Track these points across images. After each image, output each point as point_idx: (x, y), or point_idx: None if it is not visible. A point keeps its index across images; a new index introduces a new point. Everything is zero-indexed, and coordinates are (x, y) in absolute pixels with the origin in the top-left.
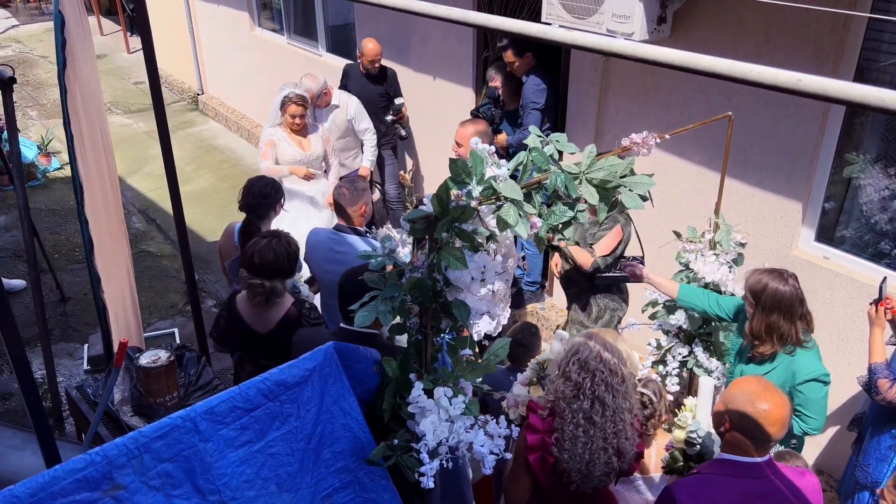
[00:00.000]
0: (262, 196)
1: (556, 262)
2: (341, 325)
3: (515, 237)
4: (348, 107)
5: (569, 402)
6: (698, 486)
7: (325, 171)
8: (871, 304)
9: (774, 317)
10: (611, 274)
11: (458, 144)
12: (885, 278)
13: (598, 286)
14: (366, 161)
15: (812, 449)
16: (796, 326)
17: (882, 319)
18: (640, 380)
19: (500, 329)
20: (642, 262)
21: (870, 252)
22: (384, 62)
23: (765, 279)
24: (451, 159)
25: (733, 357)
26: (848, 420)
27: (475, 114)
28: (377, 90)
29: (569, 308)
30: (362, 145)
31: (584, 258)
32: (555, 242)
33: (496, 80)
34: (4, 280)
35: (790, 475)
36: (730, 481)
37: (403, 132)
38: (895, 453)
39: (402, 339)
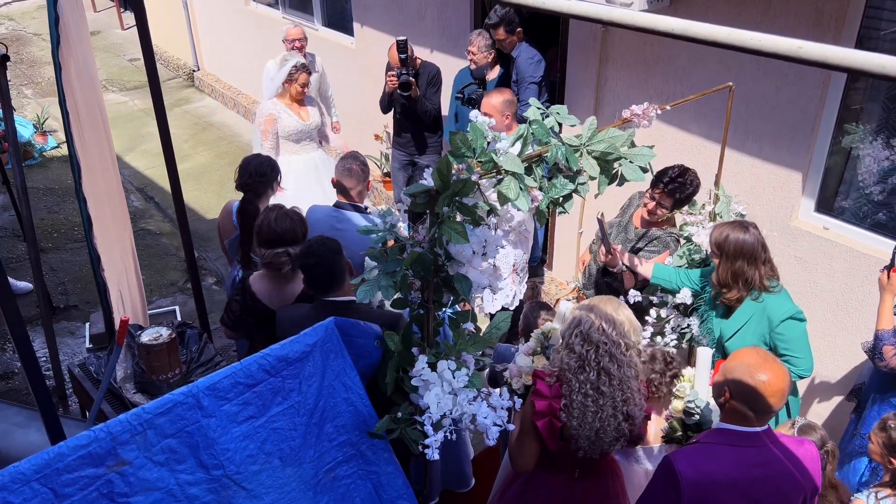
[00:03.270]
0: (258, 175)
1: (584, 261)
2: (322, 299)
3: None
4: (316, 62)
5: (575, 372)
6: (697, 455)
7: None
8: (882, 270)
9: (739, 263)
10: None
11: (485, 115)
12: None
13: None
14: (334, 116)
15: (813, 419)
16: (760, 271)
17: (894, 286)
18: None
19: (517, 302)
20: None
21: (869, 222)
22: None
23: (726, 230)
24: (451, 132)
25: (705, 308)
26: (848, 391)
27: (459, 96)
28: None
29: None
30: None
31: (630, 280)
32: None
33: (475, 45)
34: (10, 280)
35: (788, 444)
36: (728, 450)
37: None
38: None
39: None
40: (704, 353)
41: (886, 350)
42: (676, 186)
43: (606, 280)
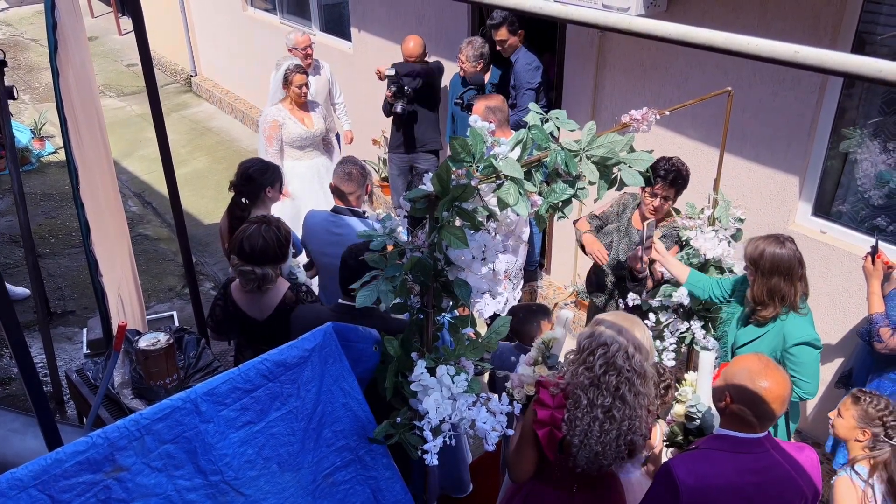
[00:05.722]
0: (244, 179)
1: (601, 256)
2: (339, 300)
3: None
4: (327, 69)
5: (585, 390)
6: (696, 461)
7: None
8: (865, 256)
9: (775, 280)
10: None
11: None
12: (876, 234)
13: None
14: (346, 124)
15: (809, 419)
16: (796, 288)
17: (879, 271)
18: None
19: (508, 308)
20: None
21: (866, 226)
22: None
23: (762, 245)
24: (450, 137)
25: (734, 324)
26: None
27: (458, 101)
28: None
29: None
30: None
31: (651, 284)
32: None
33: (464, 54)
34: (8, 286)
35: (789, 449)
36: (728, 456)
37: (399, 108)
38: None
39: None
40: (706, 357)
41: (884, 332)
42: (675, 175)
43: (630, 285)
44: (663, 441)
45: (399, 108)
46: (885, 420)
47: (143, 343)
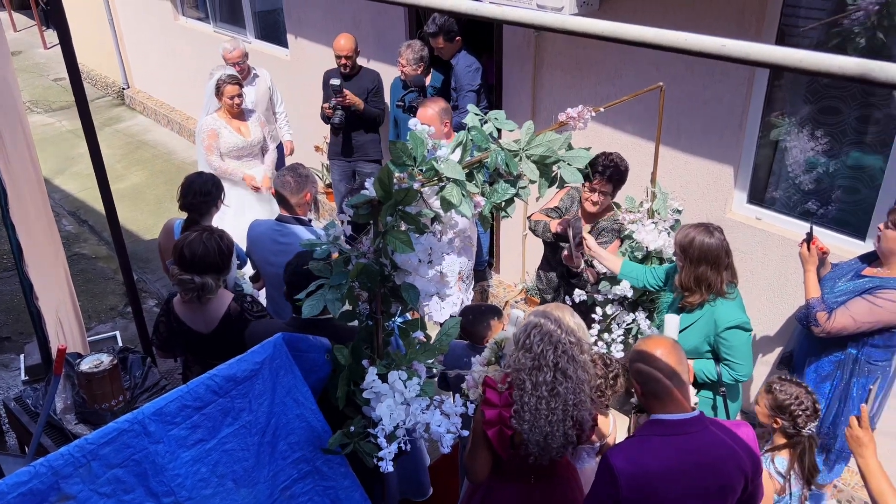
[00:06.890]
0: (202, 194)
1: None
2: (293, 315)
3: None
4: (266, 77)
5: (529, 372)
6: (633, 449)
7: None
8: (801, 243)
9: (702, 268)
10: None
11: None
12: (811, 220)
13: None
14: (287, 134)
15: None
16: (722, 276)
17: (814, 257)
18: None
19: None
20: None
21: (798, 211)
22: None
23: (692, 233)
24: (390, 141)
25: (664, 311)
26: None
27: (400, 104)
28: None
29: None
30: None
31: (594, 275)
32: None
33: (404, 57)
34: None
35: (728, 425)
36: (667, 440)
37: (337, 119)
38: (838, 373)
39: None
40: (672, 320)
41: (820, 316)
42: (612, 170)
43: (573, 281)
44: (633, 409)
45: (337, 120)
46: (793, 411)
47: (86, 365)
